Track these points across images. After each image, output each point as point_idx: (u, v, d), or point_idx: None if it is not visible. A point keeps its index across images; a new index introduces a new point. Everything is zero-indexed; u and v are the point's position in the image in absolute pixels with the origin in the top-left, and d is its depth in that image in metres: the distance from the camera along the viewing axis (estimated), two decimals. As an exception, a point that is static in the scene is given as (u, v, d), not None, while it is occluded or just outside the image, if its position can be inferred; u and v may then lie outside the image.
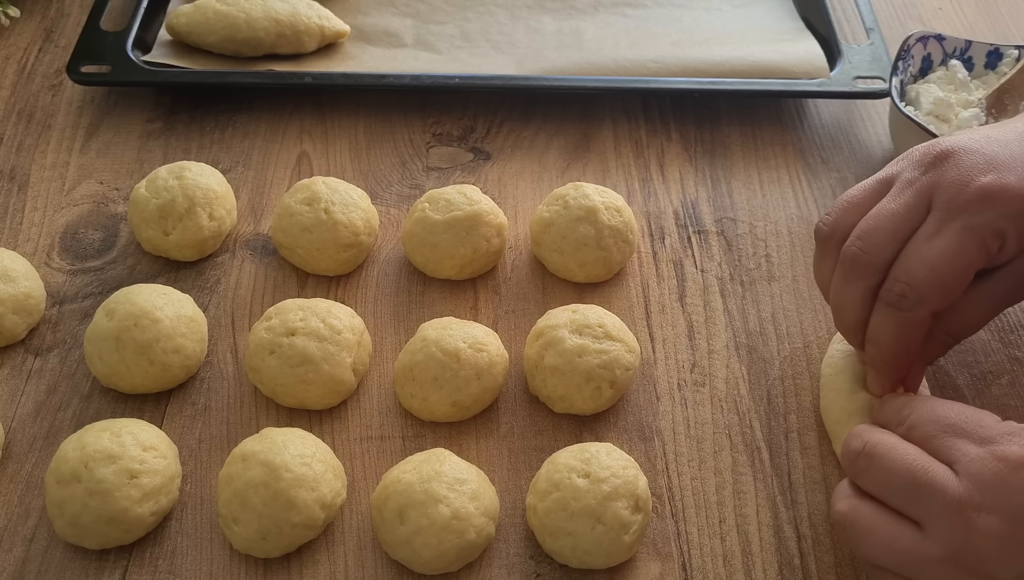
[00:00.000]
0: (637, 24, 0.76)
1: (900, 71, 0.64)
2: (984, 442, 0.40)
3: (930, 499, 0.39)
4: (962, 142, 0.46)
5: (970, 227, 0.43)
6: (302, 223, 0.57)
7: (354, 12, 0.76)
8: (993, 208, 0.43)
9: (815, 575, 0.48)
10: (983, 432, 0.40)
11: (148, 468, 0.47)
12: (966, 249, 0.43)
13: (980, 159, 0.44)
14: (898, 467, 0.41)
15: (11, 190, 0.64)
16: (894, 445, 0.42)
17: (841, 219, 0.47)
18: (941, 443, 0.41)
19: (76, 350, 0.55)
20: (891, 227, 0.45)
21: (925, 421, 0.42)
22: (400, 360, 0.53)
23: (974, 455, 0.39)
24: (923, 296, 0.44)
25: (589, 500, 0.45)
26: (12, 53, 0.74)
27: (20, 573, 0.47)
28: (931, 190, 0.45)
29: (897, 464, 0.41)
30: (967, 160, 0.45)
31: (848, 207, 0.47)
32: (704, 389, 0.55)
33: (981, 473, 0.39)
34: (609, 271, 0.59)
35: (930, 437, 0.42)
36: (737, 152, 0.69)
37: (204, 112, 0.70)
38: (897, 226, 0.45)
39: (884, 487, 0.41)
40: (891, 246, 0.45)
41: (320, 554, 0.48)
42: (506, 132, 0.70)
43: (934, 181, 0.45)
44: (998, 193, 0.43)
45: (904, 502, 0.40)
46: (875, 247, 0.45)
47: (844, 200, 0.48)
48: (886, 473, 0.41)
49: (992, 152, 0.45)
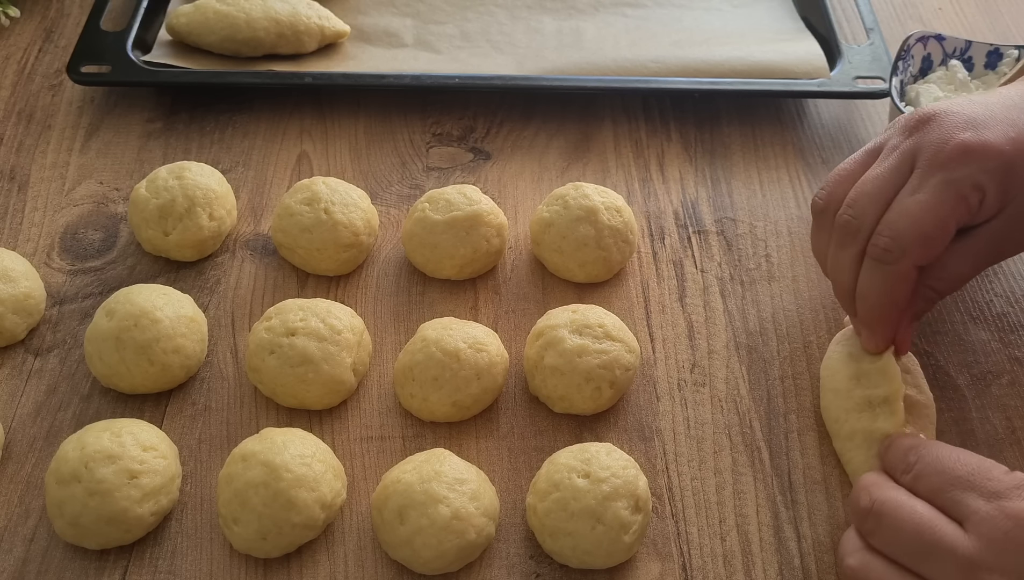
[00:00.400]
0: (637, 24, 0.76)
1: (900, 71, 0.64)
2: (993, 497, 0.39)
3: (940, 559, 0.39)
4: (944, 105, 0.48)
5: (950, 181, 0.45)
6: (302, 223, 0.57)
7: (354, 12, 0.76)
8: (972, 162, 0.45)
9: (815, 575, 0.48)
10: (992, 486, 0.40)
11: (148, 468, 0.47)
12: (946, 202, 0.45)
13: (960, 119, 0.46)
14: (907, 526, 0.40)
15: (11, 190, 0.64)
16: (902, 502, 0.41)
17: (834, 191, 0.49)
18: (950, 498, 0.40)
19: (76, 350, 0.55)
20: (877, 190, 0.47)
21: (931, 472, 0.42)
22: (400, 360, 0.53)
23: (984, 513, 0.39)
24: (906, 248, 0.45)
25: (589, 500, 0.45)
26: (12, 53, 0.74)
27: (20, 573, 0.47)
28: (914, 152, 0.47)
29: (906, 523, 0.40)
30: (948, 120, 0.47)
31: (840, 179, 0.50)
32: (704, 389, 0.55)
33: (992, 532, 0.38)
34: (609, 271, 0.59)
35: (938, 490, 0.41)
36: (737, 152, 0.69)
37: (204, 112, 0.70)
38: (883, 188, 0.47)
39: (894, 546, 0.41)
40: (877, 208, 0.47)
41: (320, 554, 0.48)
42: (506, 132, 0.70)
43: (917, 143, 0.47)
44: (977, 148, 0.45)
45: (914, 561, 0.40)
46: (863, 212, 0.47)
47: (836, 172, 0.50)
48: (895, 532, 0.41)
49: (972, 112, 0.47)
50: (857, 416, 0.50)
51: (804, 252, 0.62)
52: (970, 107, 0.47)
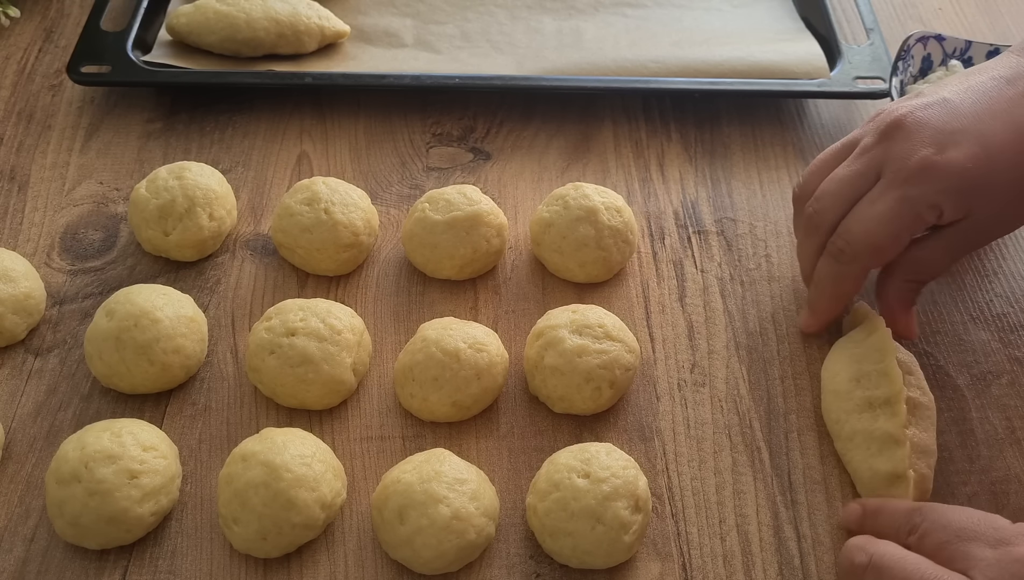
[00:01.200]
0: (637, 24, 0.76)
1: (900, 71, 0.64)
2: (999, 544, 0.39)
3: None
4: (915, 112, 0.49)
5: (907, 198, 0.48)
6: (302, 223, 0.57)
7: (354, 12, 0.76)
8: (930, 183, 0.47)
9: (815, 575, 0.48)
10: (997, 534, 0.40)
11: (148, 468, 0.47)
12: (900, 217, 0.48)
13: (927, 133, 0.48)
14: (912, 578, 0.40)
15: (11, 190, 0.64)
16: (902, 556, 0.41)
17: (808, 181, 0.54)
18: (955, 550, 0.40)
19: (76, 350, 0.55)
20: (841, 191, 0.51)
21: (937, 528, 0.42)
22: (400, 360, 0.53)
23: (991, 559, 0.39)
24: (858, 253, 0.50)
25: (589, 500, 0.45)
26: (12, 53, 0.74)
27: (20, 573, 0.47)
28: (881, 161, 0.49)
29: (911, 575, 0.40)
30: (915, 134, 0.49)
31: (815, 170, 0.54)
32: (704, 389, 0.55)
33: (1001, 577, 0.38)
34: (609, 271, 0.59)
35: (943, 544, 0.41)
36: (737, 152, 0.69)
37: (204, 112, 0.70)
38: (846, 191, 0.50)
39: None
40: (839, 208, 0.51)
41: (320, 554, 0.48)
42: (506, 132, 0.70)
43: (884, 152, 0.49)
44: (937, 168, 0.47)
45: None
46: (825, 209, 0.51)
47: (813, 163, 0.54)
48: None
49: (941, 123, 0.48)
50: (858, 417, 0.50)
51: (804, 252, 0.62)
52: (940, 114, 0.49)
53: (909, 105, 0.50)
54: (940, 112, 0.49)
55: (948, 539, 0.41)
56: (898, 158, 0.48)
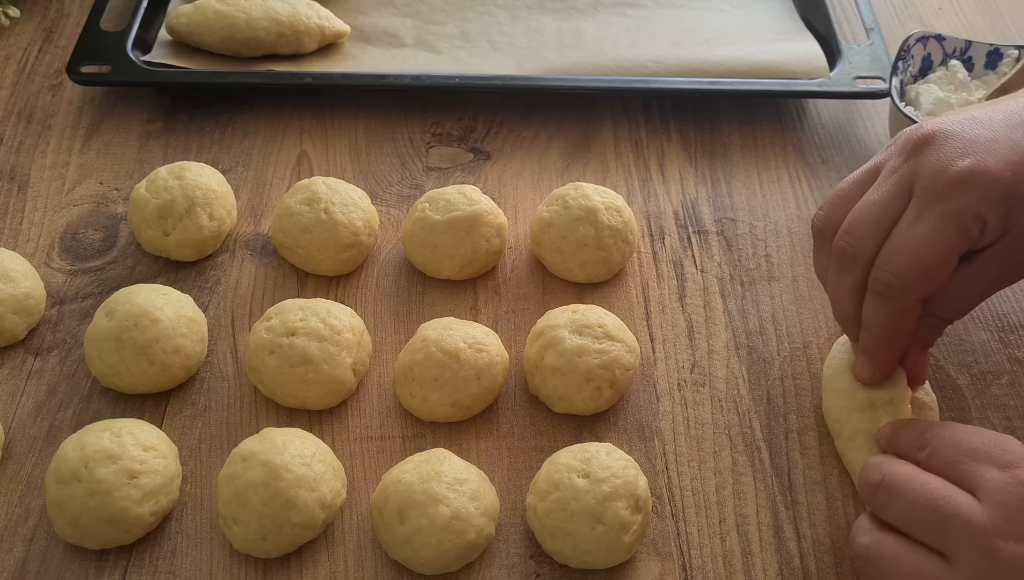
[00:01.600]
0: (637, 24, 0.76)
1: (900, 71, 0.64)
2: (1007, 466, 0.39)
3: (954, 529, 0.39)
4: (944, 125, 0.46)
5: (949, 213, 0.43)
6: (302, 223, 0.57)
7: (354, 12, 0.76)
8: (971, 192, 0.43)
9: (815, 575, 0.48)
10: (1006, 456, 0.40)
11: (148, 468, 0.47)
12: (947, 235, 0.44)
13: (959, 143, 0.45)
14: (919, 498, 0.40)
15: (11, 190, 0.64)
16: (914, 475, 0.41)
17: (832, 213, 0.48)
18: (963, 469, 0.40)
19: (76, 350, 0.55)
20: (874, 218, 0.46)
21: (947, 447, 0.42)
22: (400, 360, 0.53)
23: (998, 481, 0.39)
24: (908, 284, 0.44)
25: (589, 500, 0.45)
26: (12, 53, 0.74)
27: (20, 573, 0.47)
28: (912, 177, 0.45)
29: (917, 495, 0.40)
30: (947, 145, 0.45)
31: (838, 200, 0.48)
32: (704, 389, 0.55)
33: (1007, 499, 0.38)
34: (609, 271, 0.59)
35: (952, 463, 0.41)
36: (737, 152, 0.69)
37: (204, 112, 0.70)
38: (880, 216, 0.46)
39: (906, 519, 0.41)
40: (876, 237, 0.46)
41: (320, 554, 0.48)
42: (506, 132, 0.70)
43: (914, 168, 0.45)
44: (976, 177, 0.43)
45: (927, 533, 0.40)
46: (860, 239, 0.46)
47: (835, 192, 0.49)
48: (907, 504, 0.41)
49: (973, 134, 0.45)
50: (860, 416, 0.50)
51: (804, 252, 0.62)
52: (970, 127, 0.45)
53: (936, 121, 0.47)
54: (970, 125, 0.46)
55: (957, 458, 0.41)
56: (932, 172, 0.44)
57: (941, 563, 0.39)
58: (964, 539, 0.38)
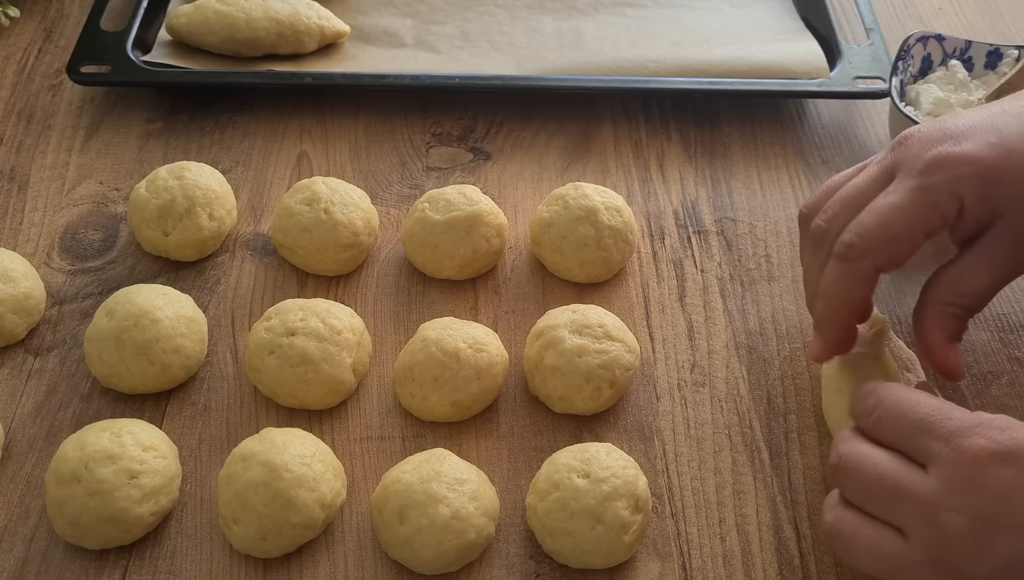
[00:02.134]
0: (637, 24, 0.76)
1: (900, 71, 0.64)
2: (952, 437, 0.39)
3: (904, 505, 0.39)
4: (928, 124, 0.48)
5: (923, 187, 0.45)
6: (302, 223, 0.57)
7: (354, 12, 0.76)
8: (947, 172, 0.45)
9: (815, 575, 0.48)
10: (951, 425, 0.40)
11: (148, 468, 0.47)
12: (918, 206, 0.45)
13: (939, 134, 0.46)
14: (869, 477, 0.41)
15: (11, 190, 0.64)
16: (865, 454, 0.42)
17: (818, 202, 0.50)
18: (913, 443, 0.41)
19: (76, 350, 0.55)
20: (852, 200, 0.47)
21: (893, 416, 0.42)
22: (400, 360, 0.53)
23: (944, 455, 0.39)
24: (869, 246, 0.45)
25: (589, 500, 0.45)
26: (12, 53, 0.74)
27: (20, 573, 0.47)
28: (893, 165, 0.47)
29: (868, 474, 0.41)
30: (927, 136, 0.47)
31: (825, 190, 0.50)
32: (704, 389, 0.55)
33: (950, 474, 0.39)
34: (609, 271, 0.59)
35: (900, 435, 0.41)
36: (737, 152, 0.69)
37: (204, 112, 0.70)
38: (857, 196, 0.47)
39: (862, 497, 0.41)
40: (850, 214, 0.47)
41: (320, 554, 0.48)
42: (506, 132, 0.70)
43: (897, 157, 0.47)
44: (952, 157, 0.45)
45: (882, 510, 0.41)
46: (834, 218, 0.47)
47: (824, 185, 0.51)
48: (860, 484, 0.41)
49: (953, 125, 0.47)
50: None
51: (804, 252, 0.62)
52: (951, 121, 0.47)
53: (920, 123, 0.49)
54: (953, 119, 0.47)
55: (903, 430, 0.41)
56: (911, 157, 0.46)
57: (899, 538, 0.40)
58: (915, 515, 0.39)
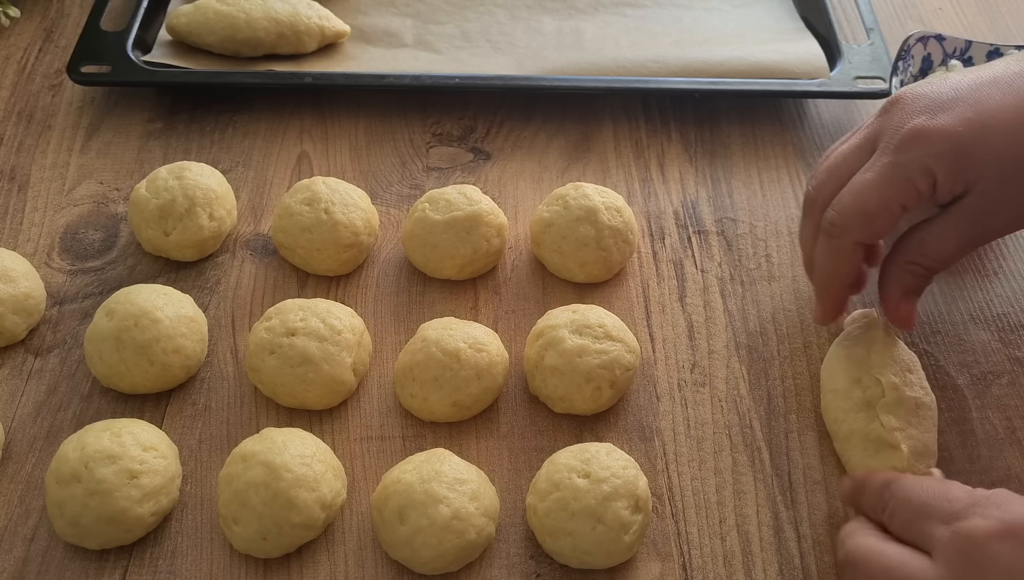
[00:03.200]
0: (637, 24, 0.76)
1: (900, 71, 0.64)
2: (951, 519, 0.40)
3: None
4: (914, 87, 0.49)
5: (897, 164, 0.47)
6: (302, 223, 0.57)
7: (354, 12, 0.76)
8: (920, 147, 0.46)
9: (815, 575, 0.48)
10: (950, 507, 0.41)
11: (148, 468, 0.47)
12: (891, 183, 0.47)
13: (921, 103, 0.48)
14: (877, 570, 0.41)
15: (11, 190, 0.64)
16: (871, 548, 0.42)
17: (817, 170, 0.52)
18: (918, 530, 0.42)
19: (76, 350, 0.55)
20: (836, 167, 0.50)
21: (901, 506, 0.43)
22: (400, 360, 0.53)
23: (945, 539, 0.40)
24: (848, 224, 0.48)
25: (589, 500, 0.45)
26: (12, 53, 0.74)
27: (20, 573, 0.47)
28: (877, 134, 0.49)
29: (875, 568, 0.42)
30: (910, 105, 0.48)
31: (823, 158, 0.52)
32: (704, 389, 0.55)
33: (952, 557, 0.39)
34: (609, 271, 0.59)
35: (907, 523, 0.42)
36: (737, 152, 0.69)
37: (204, 112, 0.70)
38: (841, 165, 0.49)
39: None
40: (834, 183, 0.49)
41: (320, 554, 0.48)
42: (506, 132, 0.70)
43: (880, 125, 0.49)
44: (926, 133, 0.46)
45: None
46: (821, 185, 0.50)
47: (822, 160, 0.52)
48: (870, 577, 0.42)
49: (936, 93, 0.48)
50: (855, 417, 0.50)
51: (804, 252, 0.62)
52: (938, 87, 0.48)
53: (911, 85, 0.50)
54: (938, 85, 0.48)
55: (911, 517, 0.42)
56: (891, 128, 0.47)
57: None
58: None
